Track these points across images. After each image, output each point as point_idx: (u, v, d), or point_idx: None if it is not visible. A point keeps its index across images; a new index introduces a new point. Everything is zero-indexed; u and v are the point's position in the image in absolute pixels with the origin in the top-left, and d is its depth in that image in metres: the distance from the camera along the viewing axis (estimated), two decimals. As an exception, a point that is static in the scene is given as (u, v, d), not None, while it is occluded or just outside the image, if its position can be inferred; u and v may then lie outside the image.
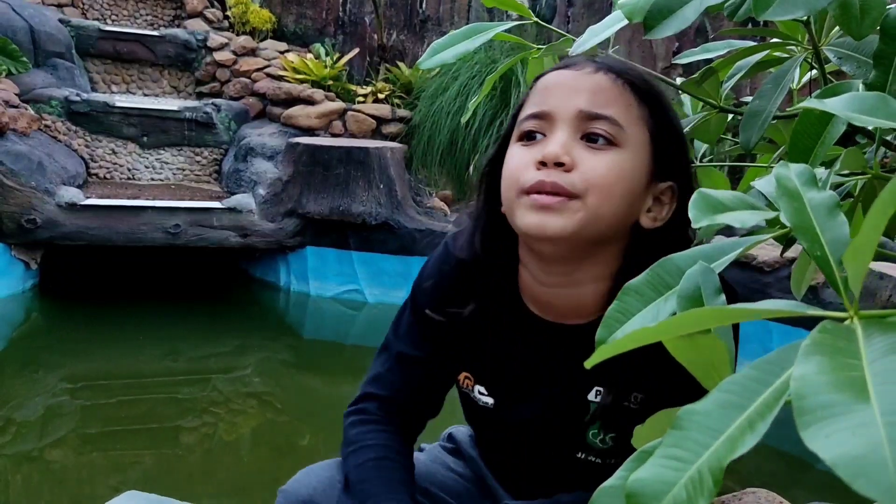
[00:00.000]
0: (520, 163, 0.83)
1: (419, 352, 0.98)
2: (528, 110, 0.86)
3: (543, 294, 0.90)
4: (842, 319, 0.34)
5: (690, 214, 0.47)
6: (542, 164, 0.80)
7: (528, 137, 0.84)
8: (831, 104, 0.38)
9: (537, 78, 0.89)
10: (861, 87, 0.59)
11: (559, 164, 0.79)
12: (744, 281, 3.64)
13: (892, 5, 0.61)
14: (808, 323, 0.35)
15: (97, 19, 6.07)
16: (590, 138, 0.81)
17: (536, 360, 0.93)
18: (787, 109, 0.88)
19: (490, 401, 0.96)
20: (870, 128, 0.47)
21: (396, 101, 5.66)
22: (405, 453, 0.96)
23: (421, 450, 1.11)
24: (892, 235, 0.68)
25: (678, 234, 0.86)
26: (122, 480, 2.57)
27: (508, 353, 0.94)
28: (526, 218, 0.81)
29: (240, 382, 3.73)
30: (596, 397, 0.90)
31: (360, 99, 5.62)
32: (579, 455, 0.93)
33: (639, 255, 0.84)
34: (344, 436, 0.98)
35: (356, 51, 6.13)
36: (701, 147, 1.17)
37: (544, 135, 0.83)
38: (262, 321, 4.73)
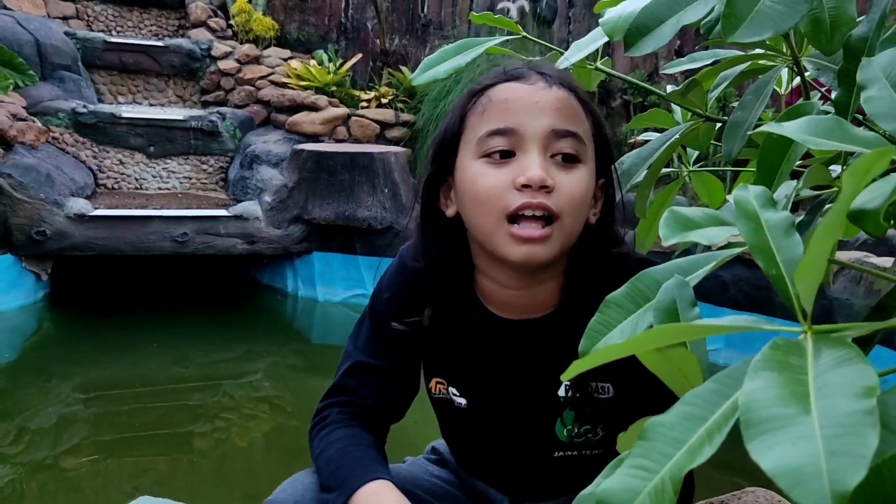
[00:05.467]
0: (496, 184, 0.84)
1: (378, 361, 0.99)
2: (488, 125, 0.86)
3: (504, 296, 0.92)
4: (797, 333, 0.36)
5: (661, 233, 0.49)
6: (525, 186, 0.82)
7: (501, 155, 0.85)
8: (789, 128, 0.40)
9: (484, 88, 0.89)
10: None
11: (543, 187, 0.82)
12: (749, 278, 3.66)
13: (861, 18, 0.62)
14: (813, 320, 0.37)
15: (102, 31, 6.13)
16: (564, 157, 0.84)
17: (501, 358, 0.95)
18: (775, 117, 0.90)
19: (463, 402, 0.97)
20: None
21: (400, 105, 5.69)
22: (370, 439, 0.96)
23: (404, 462, 1.12)
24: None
25: (607, 225, 0.91)
26: (135, 486, 2.60)
27: (474, 353, 0.96)
28: (512, 249, 0.83)
29: (250, 387, 3.76)
30: (566, 393, 0.92)
31: (364, 104, 5.66)
32: (556, 454, 0.95)
33: (583, 250, 0.89)
34: (311, 450, 0.99)
35: (359, 56, 6.17)
36: (694, 151, 1.18)
37: (514, 152, 0.84)
38: (270, 327, 4.76)
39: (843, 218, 0.33)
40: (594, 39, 0.80)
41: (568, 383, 0.91)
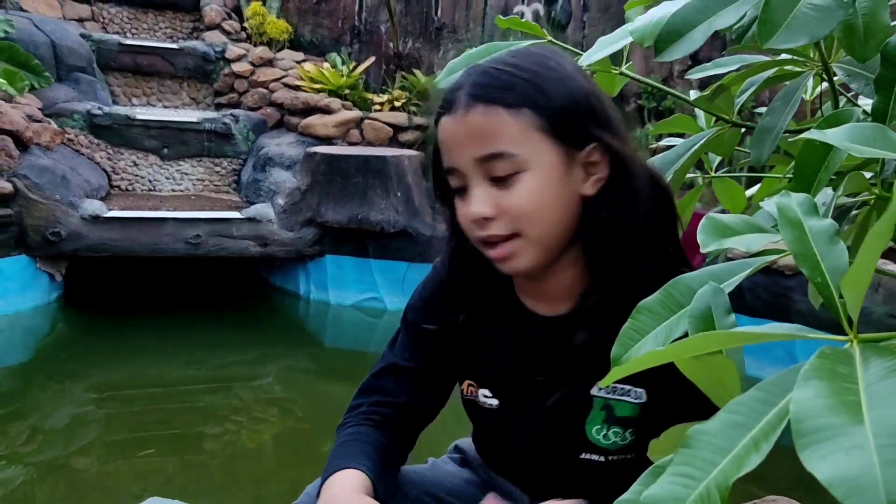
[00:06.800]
0: (463, 218, 0.88)
1: (411, 363, 1.01)
2: (443, 162, 0.89)
3: (532, 285, 0.94)
4: (843, 342, 0.36)
5: (699, 240, 0.49)
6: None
7: (458, 191, 0.88)
8: (832, 135, 0.40)
9: (436, 118, 0.90)
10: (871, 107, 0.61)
11: (487, 218, 0.84)
12: (766, 285, 3.64)
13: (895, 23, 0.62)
14: (831, 328, 0.37)
15: (117, 33, 6.17)
16: (499, 178, 0.84)
17: (535, 356, 0.95)
18: (801, 123, 0.90)
19: (495, 402, 0.98)
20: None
21: (413, 108, 5.70)
22: (376, 438, 0.98)
23: (427, 463, 1.13)
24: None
25: (619, 186, 0.86)
26: (145, 487, 2.61)
27: (508, 352, 0.97)
28: (498, 266, 0.88)
29: (261, 390, 3.77)
30: (598, 391, 0.92)
31: (377, 107, 5.67)
32: (583, 455, 0.94)
33: (595, 225, 0.86)
34: None
35: (372, 59, 6.18)
36: (716, 157, 1.18)
37: (466, 185, 0.87)
38: (282, 329, 4.77)
39: (892, 227, 0.33)
40: (619, 38, 0.80)
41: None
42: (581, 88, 0.85)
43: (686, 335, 0.51)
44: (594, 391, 0.92)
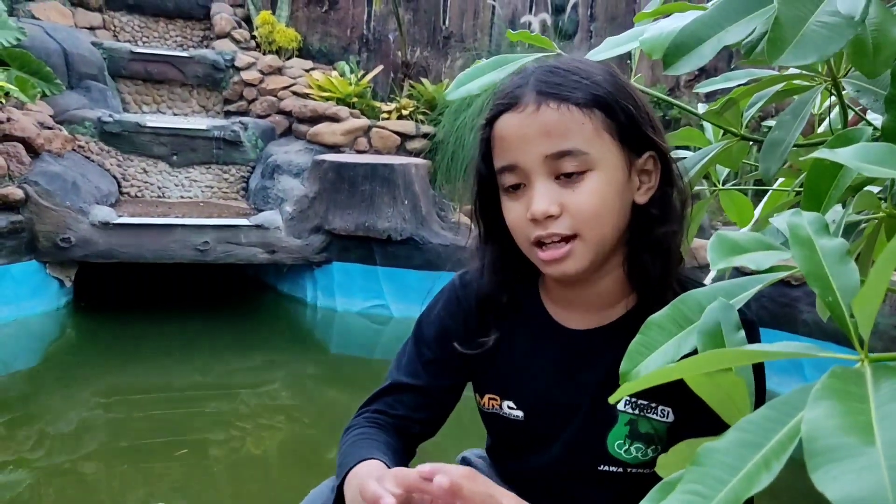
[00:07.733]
0: (517, 217, 0.87)
1: (416, 381, 1.01)
2: (498, 162, 0.88)
3: (567, 294, 0.94)
4: (853, 361, 0.36)
5: (709, 258, 0.49)
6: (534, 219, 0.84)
7: (514, 188, 0.88)
8: (842, 155, 0.40)
9: (492, 118, 0.90)
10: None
11: (549, 216, 0.84)
12: (772, 295, 3.62)
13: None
14: (837, 338, 0.37)
15: (128, 41, 6.21)
16: (566, 176, 0.84)
17: (563, 370, 0.95)
18: (808, 137, 0.90)
19: (520, 414, 0.98)
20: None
21: (420, 117, 5.71)
22: (383, 437, 0.98)
23: None
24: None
25: (666, 197, 0.89)
26: (151, 493, 2.61)
27: (535, 365, 0.97)
28: (545, 269, 0.88)
29: (267, 396, 3.77)
30: (625, 406, 0.92)
31: (385, 115, 5.68)
32: (601, 467, 0.94)
33: (640, 235, 0.89)
34: None
35: (380, 68, 6.21)
36: (724, 170, 1.18)
37: (524, 184, 0.86)
38: (289, 336, 4.78)
39: (904, 247, 0.33)
40: (628, 40, 0.81)
41: (628, 397, 0.92)
42: (642, 97, 0.88)
43: (695, 351, 0.52)
44: (621, 406, 0.92)
